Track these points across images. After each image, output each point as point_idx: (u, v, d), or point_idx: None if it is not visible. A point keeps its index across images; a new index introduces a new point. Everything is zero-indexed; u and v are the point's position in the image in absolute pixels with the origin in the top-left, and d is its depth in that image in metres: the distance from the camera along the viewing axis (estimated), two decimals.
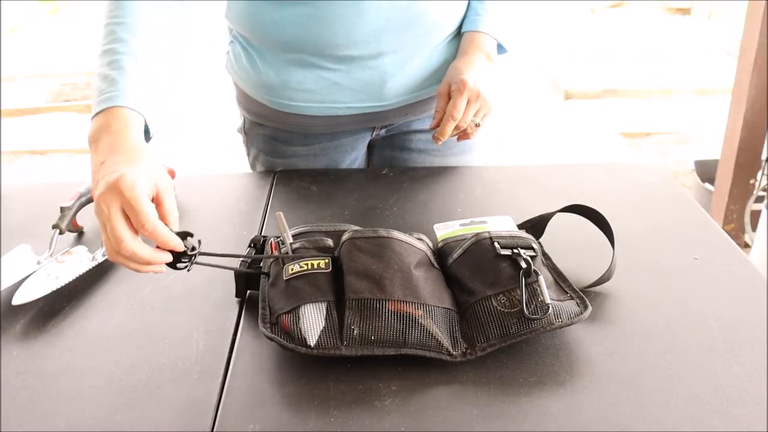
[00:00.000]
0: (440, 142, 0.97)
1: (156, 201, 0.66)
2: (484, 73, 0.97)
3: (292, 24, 0.94)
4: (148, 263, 0.65)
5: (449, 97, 0.96)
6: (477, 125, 0.98)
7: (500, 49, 1.04)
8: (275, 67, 1.00)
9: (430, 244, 0.77)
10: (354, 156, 1.13)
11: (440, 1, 0.97)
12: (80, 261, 0.82)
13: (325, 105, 1.02)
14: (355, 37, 0.94)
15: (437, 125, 0.97)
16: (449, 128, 0.95)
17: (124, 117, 0.70)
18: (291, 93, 1.01)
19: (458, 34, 1.04)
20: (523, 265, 0.68)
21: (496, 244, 0.71)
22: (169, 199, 0.67)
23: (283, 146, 1.09)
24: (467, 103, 0.94)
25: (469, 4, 1.03)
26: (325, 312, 0.65)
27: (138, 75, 0.73)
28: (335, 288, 0.68)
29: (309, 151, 1.09)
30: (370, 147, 1.16)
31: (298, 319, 0.64)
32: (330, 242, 0.73)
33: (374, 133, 1.12)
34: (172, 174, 1.01)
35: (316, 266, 0.69)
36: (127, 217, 0.63)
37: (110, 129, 0.69)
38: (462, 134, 1.00)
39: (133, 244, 0.63)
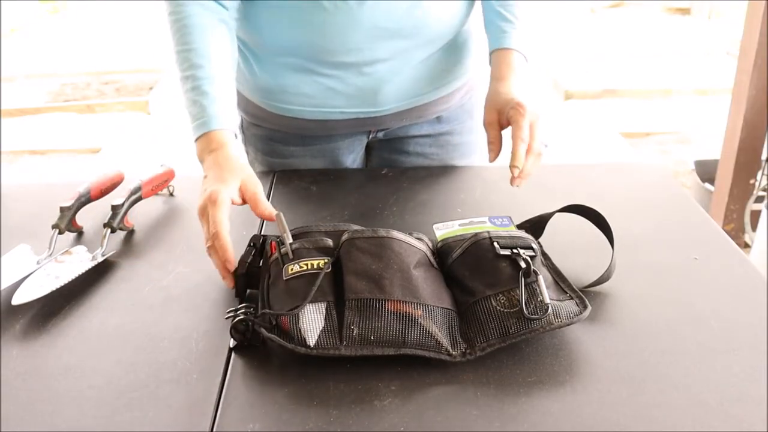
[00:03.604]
0: (519, 181, 0.84)
1: (243, 194, 0.79)
2: (529, 94, 0.91)
3: (287, 28, 0.94)
4: (224, 263, 0.74)
5: (500, 125, 0.90)
6: (545, 146, 0.88)
7: None
8: (271, 71, 1.00)
9: (430, 244, 0.77)
10: (351, 158, 1.13)
11: (437, 11, 0.95)
12: (80, 261, 0.82)
13: (319, 109, 1.03)
14: (348, 45, 0.94)
15: (495, 158, 0.89)
16: (522, 151, 0.83)
17: (218, 137, 0.83)
18: (287, 96, 1.01)
19: (454, 41, 1.03)
20: (523, 265, 0.68)
21: (495, 244, 0.71)
22: (255, 191, 0.80)
23: (281, 146, 1.09)
24: (530, 125, 0.86)
25: (486, 18, 1.00)
26: (324, 312, 0.65)
27: (220, 95, 0.85)
28: (335, 288, 0.68)
29: (306, 152, 1.10)
30: (369, 149, 1.16)
31: (298, 319, 0.64)
32: (330, 242, 0.73)
33: (371, 136, 1.12)
34: (171, 174, 1.01)
35: (315, 266, 0.69)
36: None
37: (210, 149, 0.82)
38: (521, 173, 0.84)
39: (223, 236, 0.74)
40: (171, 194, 1.01)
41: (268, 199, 0.99)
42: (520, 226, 0.84)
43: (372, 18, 0.92)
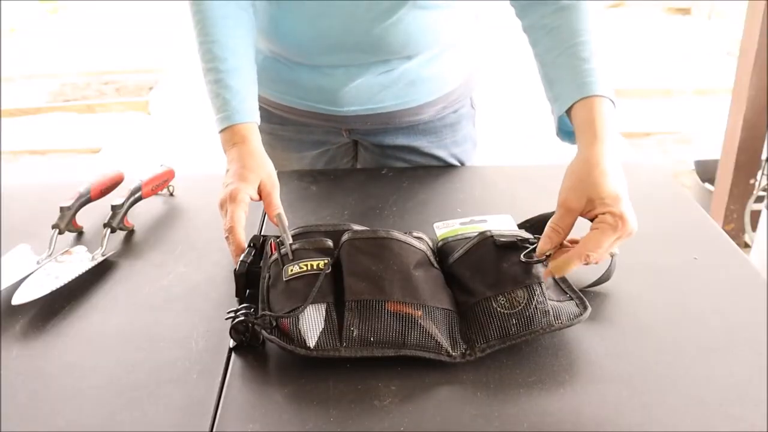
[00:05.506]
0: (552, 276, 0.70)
1: (260, 192, 0.83)
2: (623, 180, 0.72)
3: (258, 20, 0.95)
4: (236, 255, 0.77)
5: (579, 213, 0.70)
6: (611, 255, 0.74)
7: None
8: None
9: (430, 243, 0.77)
10: (326, 148, 1.12)
11: (397, 33, 0.93)
12: (80, 261, 0.82)
13: (287, 97, 1.05)
14: (308, 51, 0.97)
15: (548, 251, 0.69)
16: (573, 266, 0.67)
17: (241, 131, 0.86)
18: (262, 78, 1.01)
19: (421, 59, 1.00)
20: (523, 266, 0.68)
21: (496, 244, 0.71)
22: (270, 192, 0.83)
23: (261, 122, 1.09)
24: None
25: (549, 75, 0.82)
26: (324, 313, 0.65)
27: (242, 88, 0.88)
28: (335, 289, 0.67)
29: (283, 131, 1.10)
30: (357, 151, 1.15)
31: (298, 320, 0.64)
32: (330, 243, 0.73)
33: (345, 135, 1.10)
34: (171, 174, 1.01)
35: (315, 267, 0.69)
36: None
37: (233, 142, 0.85)
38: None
39: (238, 232, 0.78)
40: (171, 194, 1.01)
41: None
42: (520, 226, 0.84)
43: (329, 30, 0.92)
